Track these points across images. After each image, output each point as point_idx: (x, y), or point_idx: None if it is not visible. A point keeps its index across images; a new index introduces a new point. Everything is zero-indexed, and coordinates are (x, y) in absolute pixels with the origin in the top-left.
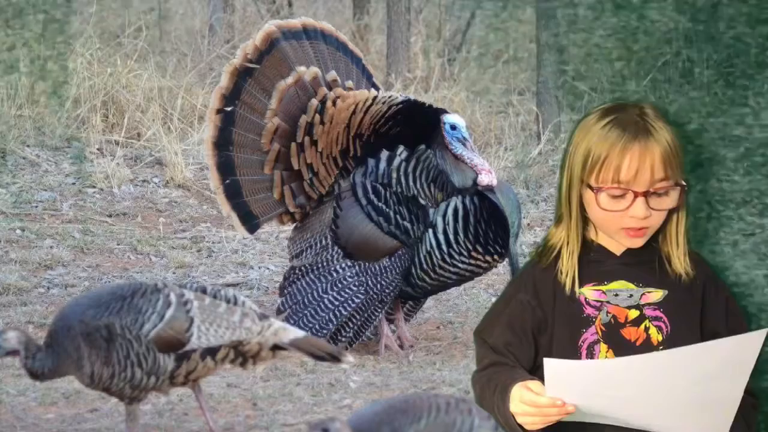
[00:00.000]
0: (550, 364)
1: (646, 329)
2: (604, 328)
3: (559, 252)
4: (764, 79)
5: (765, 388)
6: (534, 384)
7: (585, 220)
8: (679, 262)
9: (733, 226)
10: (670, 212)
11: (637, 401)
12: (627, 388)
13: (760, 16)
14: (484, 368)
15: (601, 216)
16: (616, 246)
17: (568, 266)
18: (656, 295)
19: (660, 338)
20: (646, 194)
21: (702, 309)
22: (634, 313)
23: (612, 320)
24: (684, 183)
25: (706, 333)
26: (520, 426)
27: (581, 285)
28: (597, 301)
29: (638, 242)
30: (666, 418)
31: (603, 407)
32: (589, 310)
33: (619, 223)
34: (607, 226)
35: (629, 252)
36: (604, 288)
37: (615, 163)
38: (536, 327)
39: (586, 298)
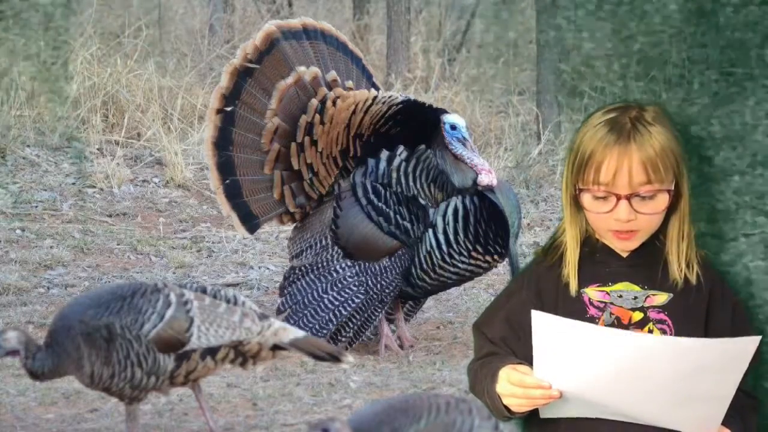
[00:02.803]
0: (537, 317)
1: (650, 332)
2: None
3: (564, 251)
4: (764, 79)
5: (766, 389)
6: (523, 366)
7: (587, 220)
8: (678, 268)
9: (734, 226)
10: (669, 215)
11: (623, 384)
12: (614, 362)
13: (760, 16)
14: (480, 358)
15: (590, 217)
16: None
17: (569, 267)
18: (661, 298)
19: None
20: (629, 197)
21: (707, 314)
22: (638, 316)
23: (615, 321)
24: (672, 188)
25: (710, 338)
26: (507, 408)
27: (585, 285)
28: (601, 301)
29: (628, 245)
30: (653, 409)
31: (590, 387)
32: (592, 311)
33: (606, 224)
34: (596, 227)
35: (635, 254)
36: (608, 289)
37: (596, 164)
38: None
39: (589, 299)
